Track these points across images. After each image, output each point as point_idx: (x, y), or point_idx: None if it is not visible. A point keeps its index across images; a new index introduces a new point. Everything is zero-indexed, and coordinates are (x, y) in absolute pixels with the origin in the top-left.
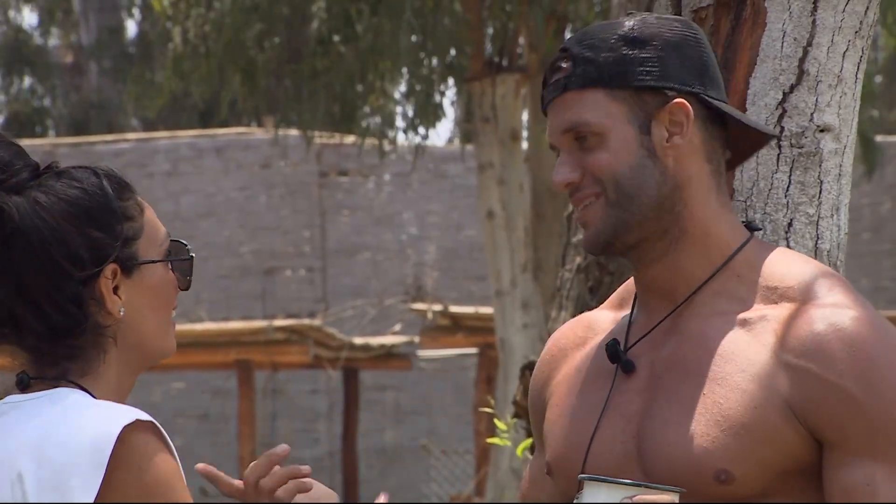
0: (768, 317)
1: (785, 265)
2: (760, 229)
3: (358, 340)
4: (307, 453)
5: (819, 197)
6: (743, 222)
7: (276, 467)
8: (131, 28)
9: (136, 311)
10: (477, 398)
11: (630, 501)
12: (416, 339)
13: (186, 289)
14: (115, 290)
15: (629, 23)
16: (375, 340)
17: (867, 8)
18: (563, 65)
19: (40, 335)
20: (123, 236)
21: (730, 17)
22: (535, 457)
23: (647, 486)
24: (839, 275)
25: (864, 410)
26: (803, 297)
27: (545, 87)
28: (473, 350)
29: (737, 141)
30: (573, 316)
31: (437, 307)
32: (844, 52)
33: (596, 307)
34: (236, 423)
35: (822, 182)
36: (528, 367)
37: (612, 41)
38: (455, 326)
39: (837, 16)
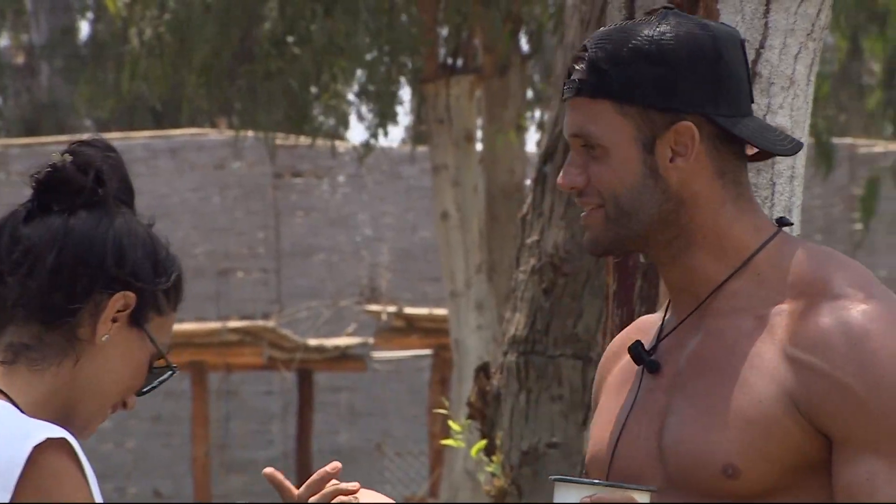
0: (784, 312)
1: (803, 259)
2: (791, 223)
3: (312, 342)
4: (261, 455)
5: (772, 198)
6: (777, 219)
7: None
8: (84, 29)
9: (106, 360)
10: (431, 399)
11: (589, 500)
12: (371, 340)
13: (141, 394)
14: (114, 319)
15: (648, 31)
16: (330, 342)
17: (819, 10)
18: (579, 66)
19: (28, 305)
20: (158, 286)
21: None
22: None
23: (615, 486)
24: (861, 266)
25: (865, 405)
26: (817, 291)
27: (567, 77)
28: (428, 351)
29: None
30: (527, 317)
31: (392, 308)
32: (797, 55)
33: (549, 308)
34: (190, 424)
35: (774, 184)
36: (483, 369)
37: (627, 54)
38: (409, 328)
39: (790, 18)
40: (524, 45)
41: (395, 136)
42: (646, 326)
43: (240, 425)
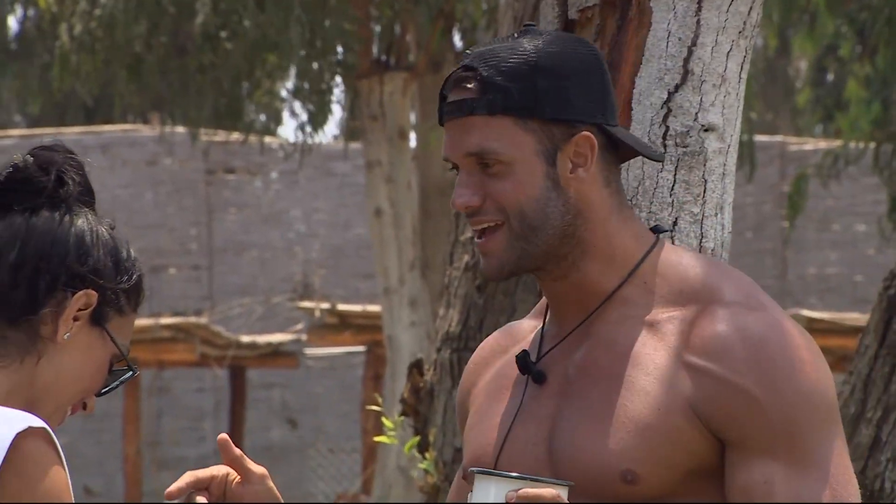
0: (675, 318)
1: (689, 267)
2: (667, 230)
3: (245, 338)
4: (193, 452)
5: (703, 196)
6: (651, 227)
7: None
8: (12, 24)
9: (67, 359)
10: (364, 396)
11: (515, 495)
12: (304, 337)
13: (100, 394)
14: (75, 318)
15: (530, 45)
16: (262, 338)
17: (750, 8)
18: (470, 85)
19: None
20: (119, 286)
21: (615, 17)
22: (461, 466)
23: (534, 480)
24: (744, 274)
25: (765, 410)
26: (708, 298)
27: (443, 101)
28: (361, 348)
29: (624, 155)
30: (461, 314)
31: (325, 305)
32: (728, 52)
33: (483, 305)
34: (121, 421)
35: (706, 181)
36: (416, 366)
37: (524, 69)
38: (342, 324)
39: (721, 16)
40: (458, 41)
41: (327, 132)
42: (519, 333)
43: (172, 422)
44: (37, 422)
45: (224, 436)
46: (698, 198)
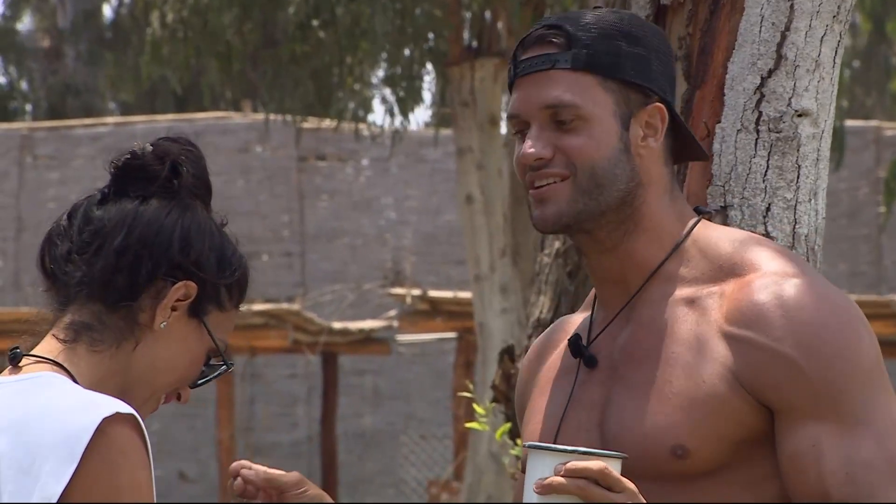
0: (714, 293)
1: (728, 243)
2: (710, 212)
3: (336, 325)
4: (286, 437)
5: (797, 181)
6: (694, 208)
7: None
8: (108, 12)
9: (163, 348)
10: (455, 383)
11: (563, 468)
12: (395, 323)
13: (194, 386)
14: (174, 308)
15: (612, 17)
16: (354, 325)
17: None
18: (555, 40)
19: (91, 284)
20: (221, 281)
21: (708, 2)
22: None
23: (586, 452)
24: (781, 246)
25: (805, 373)
26: (746, 270)
27: (520, 57)
28: (452, 335)
29: (679, 147)
30: (552, 300)
31: (416, 292)
32: (822, 37)
33: (573, 291)
34: (215, 407)
35: (799, 167)
36: (507, 352)
37: (611, 31)
38: (434, 311)
39: (815, 0)
40: None
41: (418, 119)
42: (570, 326)
43: (264, 408)
44: (125, 408)
45: (235, 467)
46: (791, 183)
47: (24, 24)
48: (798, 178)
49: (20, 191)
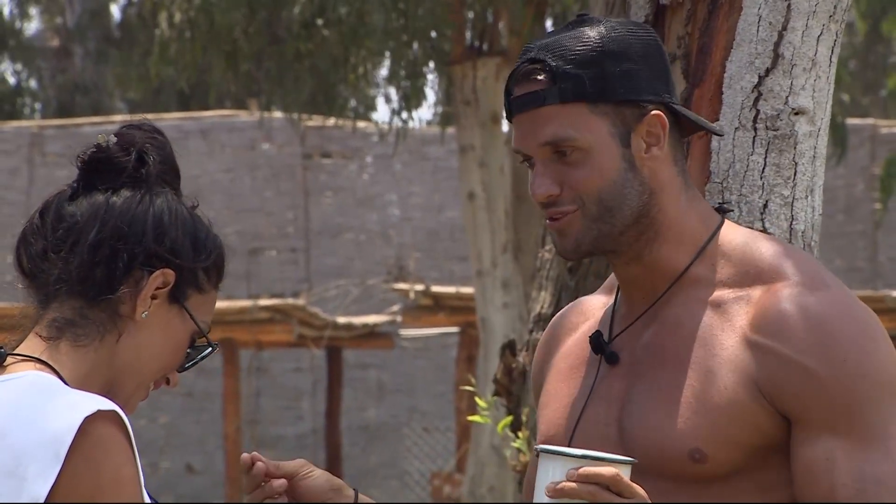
0: (740, 299)
1: (754, 247)
2: (732, 210)
3: (341, 320)
4: (291, 430)
5: (794, 179)
6: (715, 206)
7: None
8: (115, 12)
9: (147, 336)
10: (458, 376)
11: (575, 474)
12: (399, 318)
13: (182, 370)
14: (153, 296)
15: (593, 32)
16: (358, 320)
17: None
18: (539, 77)
19: (70, 281)
20: (197, 264)
21: (706, 2)
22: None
23: (596, 458)
24: (808, 253)
25: (825, 387)
26: (772, 278)
27: (511, 95)
28: (455, 329)
29: (685, 131)
30: (553, 296)
31: (419, 287)
32: (819, 36)
33: (574, 287)
34: (221, 400)
35: (796, 164)
36: (509, 347)
37: (592, 55)
38: (436, 306)
39: (812, 0)
40: (550, 27)
41: (421, 117)
42: (589, 310)
43: (270, 402)
44: (107, 405)
45: (246, 458)
46: (788, 180)
47: (33, 23)
48: (795, 175)
49: (30, 188)
